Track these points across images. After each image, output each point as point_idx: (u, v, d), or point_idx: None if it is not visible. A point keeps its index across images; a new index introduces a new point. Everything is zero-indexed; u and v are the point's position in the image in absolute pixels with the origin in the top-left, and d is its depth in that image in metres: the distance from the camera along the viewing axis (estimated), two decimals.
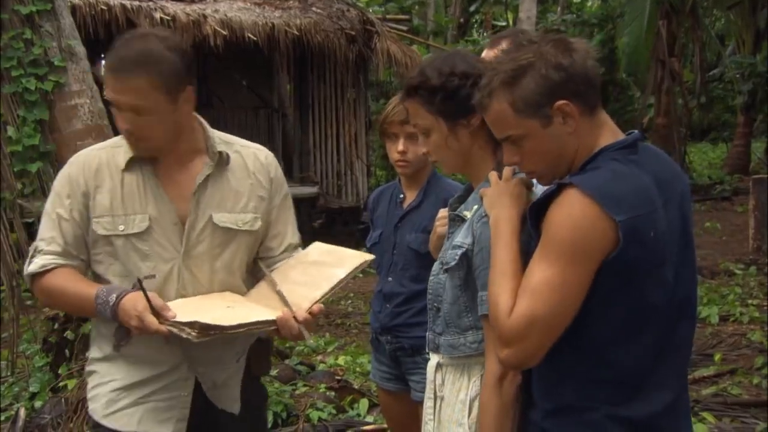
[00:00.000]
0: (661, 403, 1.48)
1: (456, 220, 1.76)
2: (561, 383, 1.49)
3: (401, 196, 2.62)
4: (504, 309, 1.43)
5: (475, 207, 1.69)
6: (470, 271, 1.64)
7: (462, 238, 1.67)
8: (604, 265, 1.39)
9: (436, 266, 1.79)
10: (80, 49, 4.28)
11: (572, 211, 1.38)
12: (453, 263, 1.66)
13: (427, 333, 1.83)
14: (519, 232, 1.52)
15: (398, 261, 2.56)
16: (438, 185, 2.55)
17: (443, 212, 1.99)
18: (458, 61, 1.71)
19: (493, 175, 1.64)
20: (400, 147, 2.47)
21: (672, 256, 1.45)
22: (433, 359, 1.79)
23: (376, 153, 12.24)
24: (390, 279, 2.58)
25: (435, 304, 1.77)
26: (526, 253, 1.49)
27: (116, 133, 2.03)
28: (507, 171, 1.62)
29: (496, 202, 1.58)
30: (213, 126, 2.04)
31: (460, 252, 1.65)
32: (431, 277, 1.79)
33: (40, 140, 4.09)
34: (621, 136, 1.50)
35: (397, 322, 2.53)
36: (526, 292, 1.41)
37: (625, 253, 1.37)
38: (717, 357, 4.91)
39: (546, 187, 1.54)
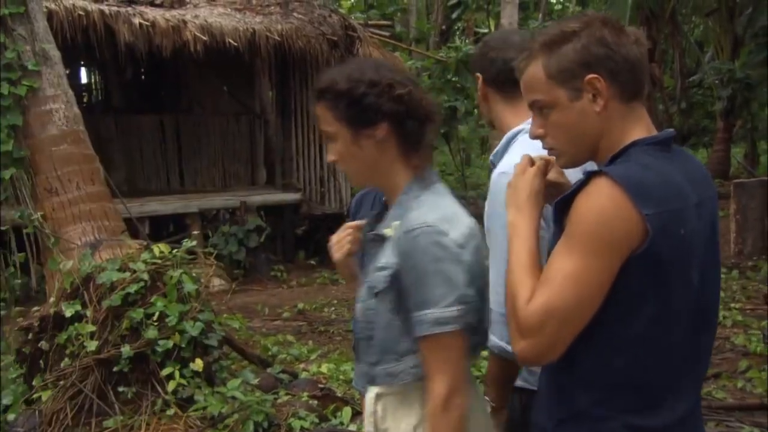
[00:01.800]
0: (679, 414, 1.42)
1: (376, 240, 1.65)
2: (576, 389, 1.42)
3: (384, 199, 2.57)
4: (522, 300, 1.36)
5: (395, 223, 1.59)
6: (401, 292, 1.55)
7: (387, 258, 1.57)
8: (632, 261, 1.32)
9: (363, 292, 1.66)
10: (55, 53, 4.20)
11: (599, 200, 1.31)
12: (382, 286, 1.57)
13: (357, 366, 1.72)
14: (537, 227, 1.46)
15: None
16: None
17: (350, 226, 1.79)
18: (369, 69, 1.63)
19: (519, 164, 1.54)
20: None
21: (699, 258, 1.40)
22: (371, 391, 1.66)
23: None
24: None
25: (366, 333, 1.64)
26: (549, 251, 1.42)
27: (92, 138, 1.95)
28: (522, 163, 1.53)
29: (512, 199, 1.50)
30: (194, 133, 1.95)
31: (387, 273, 1.56)
32: (359, 304, 1.66)
33: (14, 146, 4.01)
34: (655, 132, 1.44)
35: None
36: (544, 283, 1.35)
37: (653, 247, 1.31)
38: None
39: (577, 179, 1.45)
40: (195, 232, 7.87)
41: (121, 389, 3.79)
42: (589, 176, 1.34)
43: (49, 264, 4.03)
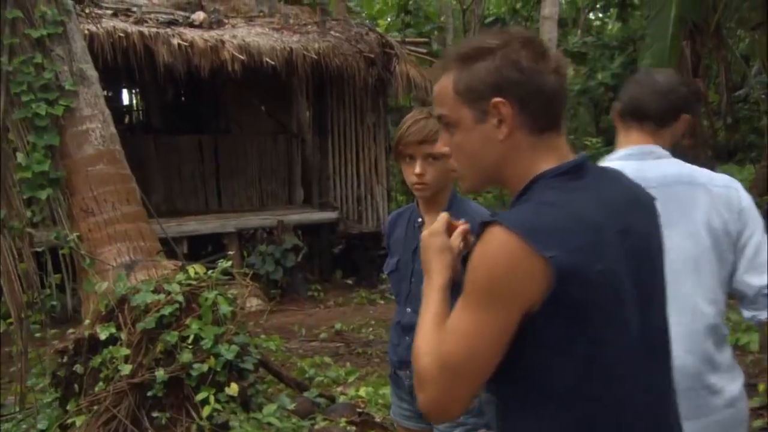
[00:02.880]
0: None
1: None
2: None
3: (419, 220, 2.43)
4: (421, 353, 1.30)
5: None
6: None
7: None
8: (545, 306, 1.20)
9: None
10: (92, 73, 4.18)
11: (491, 249, 1.21)
12: None
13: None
14: (444, 282, 1.42)
15: (417, 290, 2.37)
16: (460, 209, 2.34)
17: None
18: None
19: (434, 222, 1.51)
20: (418, 169, 2.31)
21: (633, 290, 1.27)
22: None
23: (396, 178, 12.09)
24: (408, 309, 2.39)
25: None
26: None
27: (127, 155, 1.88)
28: (436, 224, 1.49)
29: (423, 257, 1.48)
30: (232, 153, 1.89)
31: None
32: None
33: (50, 166, 3.98)
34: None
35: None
36: (442, 338, 1.29)
37: (565, 289, 1.19)
38: (761, 387, 4.63)
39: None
40: (231, 252, 7.83)
41: (155, 414, 3.70)
42: (484, 226, 1.24)
43: (85, 285, 3.98)
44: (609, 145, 25.91)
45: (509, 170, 1.33)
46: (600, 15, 29.50)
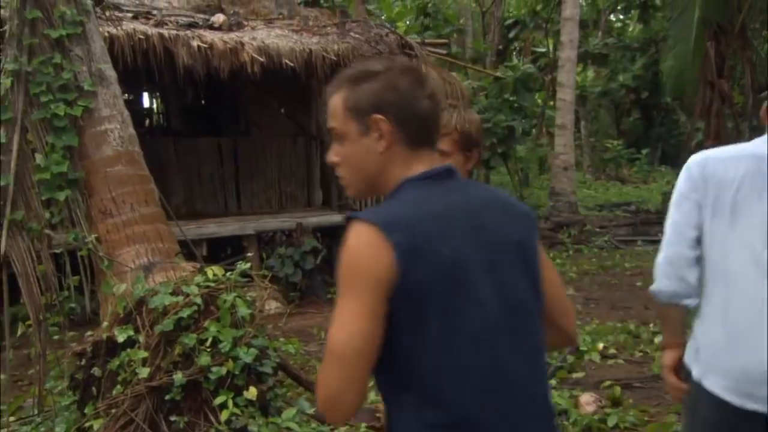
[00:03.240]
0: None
1: None
2: (397, 428, 1.44)
3: None
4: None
5: None
6: None
7: None
8: (398, 288, 1.35)
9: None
10: (111, 74, 4.15)
11: (349, 242, 1.37)
12: None
13: None
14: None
15: None
16: None
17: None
18: None
19: None
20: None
21: (489, 276, 1.43)
22: None
23: None
24: None
25: None
26: None
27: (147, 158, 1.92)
28: None
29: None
30: (251, 155, 1.91)
31: None
32: None
33: (69, 167, 3.95)
34: None
35: None
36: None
37: (411, 271, 1.35)
38: None
39: None
40: (250, 254, 7.80)
41: (173, 418, 3.64)
42: (346, 223, 1.42)
43: (103, 287, 3.94)
44: (630, 147, 25.63)
45: (386, 178, 1.50)
46: (621, 17, 29.29)
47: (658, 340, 6.12)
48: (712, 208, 2.02)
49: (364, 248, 1.35)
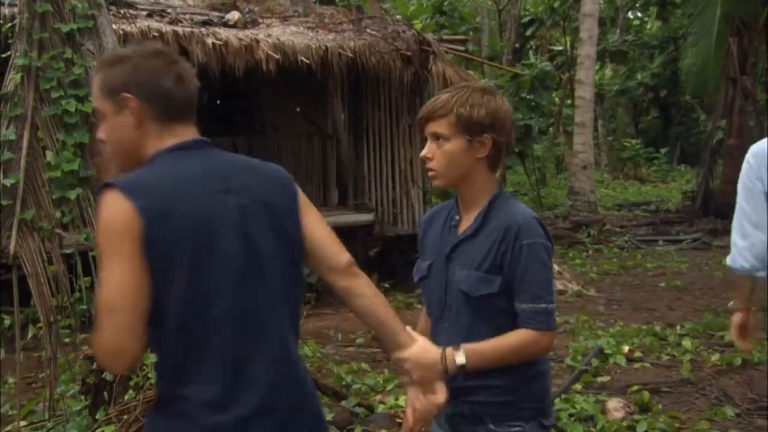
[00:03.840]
0: (209, 395, 1.57)
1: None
2: (158, 373, 1.66)
3: (456, 218, 2.11)
4: None
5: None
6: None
7: None
8: (146, 247, 1.52)
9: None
10: None
11: (101, 207, 1.56)
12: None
13: None
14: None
15: (452, 303, 2.05)
16: (501, 209, 2.03)
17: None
18: None
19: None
20: (424, 151, 2.05)
21: (235, 231, 1.61)
22: None
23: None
24: (446, 325, 2.07)
25: None
26: None
27: None
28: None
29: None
30: (266, 154, 1.91)
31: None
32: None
33: (80, 165, 3.83)
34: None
35: (455, 383, 1.98)
36: None
37: (154, 230, 1.52)
38: None
39: None
40: None
41: None
42: (100, 191, 1.59)
43: None
44: (648, 146, 25.28)
45: (142, 152, 1.67)
46: (639, 14, 28.95)
47: (685, 342, 5.93)
48: None
49: (112, 210, 1.53)
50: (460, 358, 1.91)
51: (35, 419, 4.22)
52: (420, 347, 1.90)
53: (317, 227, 1.79)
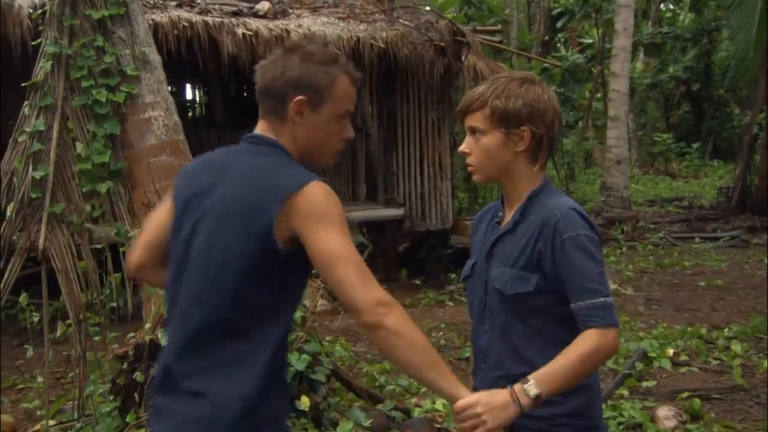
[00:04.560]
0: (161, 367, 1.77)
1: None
2: None
3: (500, 214, 2.02)
4: None
5: None
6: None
7: None
8: None
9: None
10: (155, 57, 3.88)
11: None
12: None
13: None
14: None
15: (491, 303, 1.95)
16: (542, 202, 1.91)
17: None
18: None
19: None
20: (462, 146, 1.96)
21: (191, 222, 1.76)
22: None
23: (458, 174, 11.66)
24: (486, 327, 1.96)
25: None
26: None
27: (192, 153, 2.11)
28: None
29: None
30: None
31: None
32: None
33: (111, 157, 3.69)
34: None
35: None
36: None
37: (174, 208, 1.82)
38: None
39: None
40: None
41: None
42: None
43: (146, 286, 3.68)
44: (679, 140, 24.77)
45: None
46: (671, 6, 28.39)
47: (734, 346, 5.67)
48: None
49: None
50: (533, 390, 1.71)
51: (64, 418, 4.11)
52: (485, 392, 1.73)
53: (317, 261, 1.68)
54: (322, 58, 1.80)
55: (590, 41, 23.72)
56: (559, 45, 24.61)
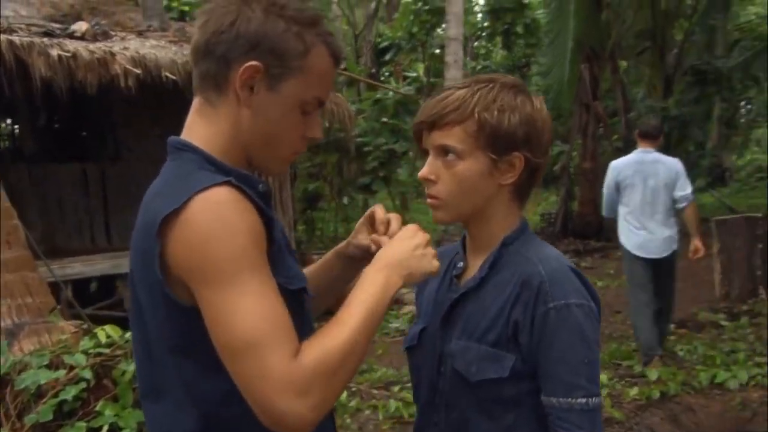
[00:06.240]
0: None
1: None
2: None
3: (460, 265, 1.52)
4: None
5: None
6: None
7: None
8: None
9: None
10: None
11: None
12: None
13: None
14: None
15: (446, 388, 1.45)
16: (520, 252, 1.44)
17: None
18: None
19: None
20: (424, 169, 1.44)
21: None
22: None
23: (298, 206, 11.28)
24: (436, 422, 1.46)
25: None
26: None
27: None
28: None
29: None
30: (122, 183, 1.36)
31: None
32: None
33: None
34: None
35: None
36: None
37: None
38: None
39: None
40: (126, 297, 6.68)
41: None
42: None
43: None
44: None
45: None
46: (484, 43, 30.19)
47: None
48: None
49: None
50: None
51: None
52: None
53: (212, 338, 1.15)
54: (295, 15, 1.22)
55: (414, 75, 24.47)
56: (383, 78, 25.15)
